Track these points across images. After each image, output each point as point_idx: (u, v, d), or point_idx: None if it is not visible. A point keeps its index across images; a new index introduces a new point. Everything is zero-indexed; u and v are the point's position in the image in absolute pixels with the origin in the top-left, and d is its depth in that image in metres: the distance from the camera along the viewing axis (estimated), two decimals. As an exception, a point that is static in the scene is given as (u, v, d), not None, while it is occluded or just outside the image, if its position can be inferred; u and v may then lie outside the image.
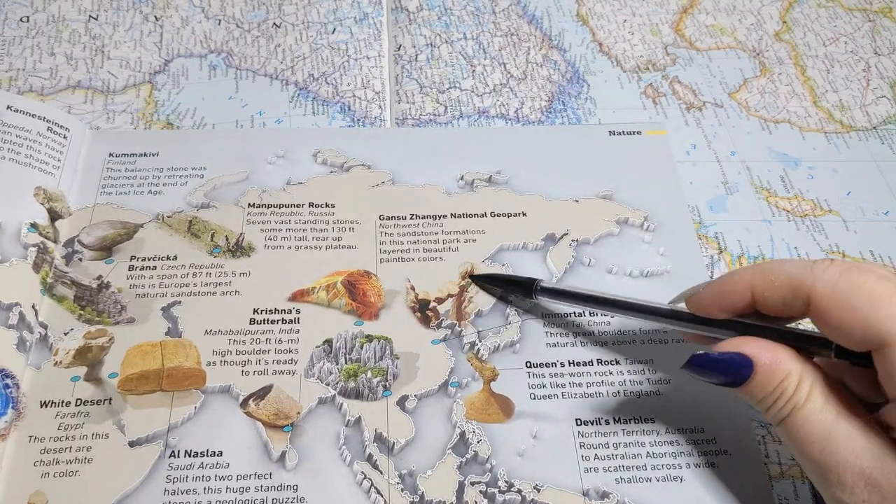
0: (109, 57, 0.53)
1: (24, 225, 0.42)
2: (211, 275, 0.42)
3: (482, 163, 0.48)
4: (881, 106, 0.53)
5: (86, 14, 0.55)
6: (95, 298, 0.41)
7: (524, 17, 0.57)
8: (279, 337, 0.40)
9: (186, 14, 0.56)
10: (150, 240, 0.43)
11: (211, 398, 0.38)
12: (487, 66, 0.54)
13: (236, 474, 0.36)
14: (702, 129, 0.51)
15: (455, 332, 0.41)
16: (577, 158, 0.48)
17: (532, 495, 0.36)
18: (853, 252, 0.45)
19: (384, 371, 0.39)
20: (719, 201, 0.47)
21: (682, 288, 0.40)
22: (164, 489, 0.35)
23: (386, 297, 0.42)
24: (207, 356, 0.39)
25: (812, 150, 0.50)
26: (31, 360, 0.38)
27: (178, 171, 0.46)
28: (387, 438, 0.37)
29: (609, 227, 0.45)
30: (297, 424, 0.37)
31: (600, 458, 0.37)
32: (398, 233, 0.44)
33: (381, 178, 0.47)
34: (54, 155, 0.46)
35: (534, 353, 0.40)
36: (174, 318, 0.40)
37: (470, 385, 0.39)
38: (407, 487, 0.36)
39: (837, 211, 0.47)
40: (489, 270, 0.43)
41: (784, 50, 0.56)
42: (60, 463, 0.35)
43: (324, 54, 0.53)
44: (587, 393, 0.39)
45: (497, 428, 0.38)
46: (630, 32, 0.57)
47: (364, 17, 0.56)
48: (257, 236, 0.44)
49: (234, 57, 0.53)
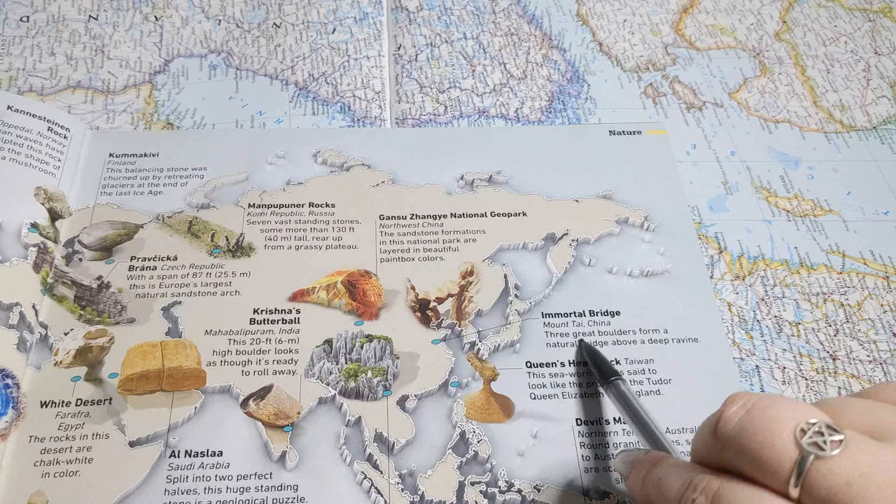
0: (109, 57, 0.53)
1: (24, 225, 0.42)
2: (211, 275, 0.42)
3: (482, 163, 0.48)
4: (881, 106, 0.53)
5: (86, 14, 0.55)
6: (96, 298, 0.41)
7: (524, 16, 0.57)
8: (279, 337, 0.40)
9: (186, 14, 0.56)
10: (150, 240, 0.43)
11: (211, 398, 0.38)
12: (487, 66, 0.54)
13: (237, 474, 0.36)
14: (702, 129, 0.51)
15: (455, 331, 0.41)
16: (578, 158, 0.48)
17: (532, 495, 0.36)
18: (853, 252, 0.45)
19: (384, 371, 0.39)
20: (719, 201, 0.47)
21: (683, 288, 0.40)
22: (165, 489, 0.35)
23: (386, 296, 0.42)
24: (208, 356, 0.39)
25: (812, 150, 0.50)
26: (31, 361, 0.38)
27: (178, 171, 0.46)
28: (387, 438, 0.37)
29: (609, 226, 0.45)
30: (297, 424, 0.37)
31: (600, 457, 0.37)
32: (398, 232, 0.44)
33: (381, 178, 0.47)
34: (55, 155, 0.46)
35: (534, 352, 0.40)
36: (174, 319, 0.40)
37: (470, 385, 0.39)
38: (407, 487, 0.36)
39: (837, 211, 0.47)
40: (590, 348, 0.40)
41: (784, 50, 0.56)
42: (61, 463, 0.35)
43: (324, 54, 0.53)
44: (587, 393, 0.39)
45: (497, 428, 0.38)
46: (630, 32, 0.57)
47: (364, 17, 0.56)
48: (257, 236, 0.44)
49: (234, 57, 0.53)
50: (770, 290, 0.44)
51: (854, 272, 0.45)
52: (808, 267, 0.45)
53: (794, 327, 0.42)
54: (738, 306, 0.43)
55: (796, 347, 0.41)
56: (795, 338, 0.42)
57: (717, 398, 0.38)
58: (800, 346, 0.41)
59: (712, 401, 0.38)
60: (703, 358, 0.41)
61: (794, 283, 0.44)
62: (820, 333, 0.42)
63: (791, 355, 0.41)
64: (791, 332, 0.42)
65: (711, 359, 0.40)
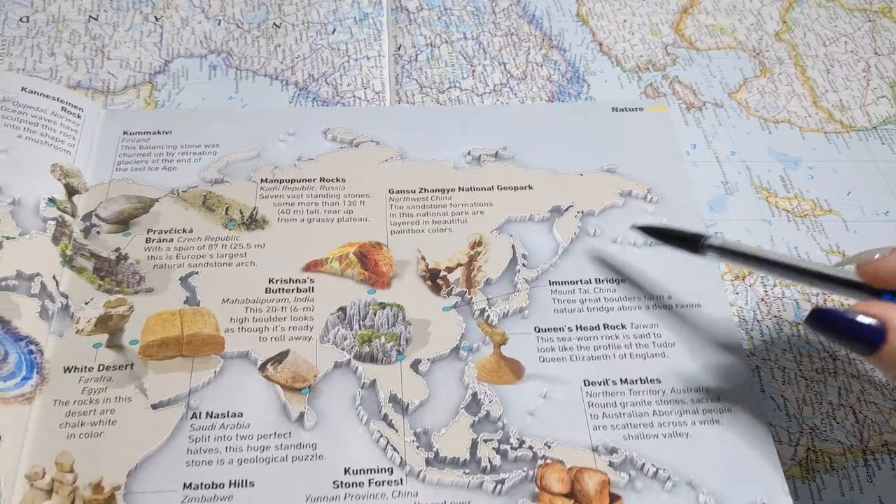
0: (109, 57, 0.53)
1: (42, 200, 0.43)
2: (226, 247, 0.43)
3: (488, 139, 0.49)
4: (881, 106, 0.53)
5: (86, 14, 0.55)
6: (114, 269, 0.42)
7: (524, 17, 0.58)
8: (294, 305, 0.41)
9: (186, 14, 0.56)
10: (165, 213, 0.44)
11: (230, 363, 0.39)
12: (487, 66, 0.54)
13: (257, 434, 0.37)
14: (702, 129, 0.51)
15: (465, 299, 0.42)
16: (581, 134, 0.50)
17: (543, 451, 0.37)
18: (853, 252, 0.45)
19: (397, 336, 0.40)
20: (719, 201, 0.47)
21: (685, 256, 0.41)
22: (188, 448, 0.36)
23: (397, 266, 0.43)
24: (225, 324, 0.40)
25: (812, 150, 0.51)
26: (53, 329, 0.39)
27: (191, 148, 0.47)
28: (401, 399, 0.38)
29: (613, 199, 0.47)
30: (314, 387, 0.38)
31: (608, 416, 0.38)
32: (408, 206, 0.46)
33: (389, 154, 0.48)
34: (69, 133, 0.47)
35: (542, 318, 0.42)
36: (192, 288, 0.41)
37: (481, 349, 0.40)
38: (422, 445, 0.37)
39: (837, 211, 0.47)
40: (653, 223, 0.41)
41: (784, 50, 0.56)
42: (85, 425, 0.37)
43: (324, 55, 0.54)
44: (594, 356, 0.40)
45: (508, 389, 0.39)
46: (630, 32, 0.57)
47: (364, 17, 0.56)
48: (270, 210, 0.45)
49: (234, 57, 0.53)
50: (770, 290, 0.44)
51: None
52: (809, 267, 0.45)
53: (794, 327, 0.42)
54: (737, 306, 0.43)
55: (796, 347, 0.42)
56: (795, 338, 0.42)
57: (720, 359, 0.40)
58: (800, 347, 0.42)
59: (716, 361, 0.40)
60: (706, 321, 0.42)
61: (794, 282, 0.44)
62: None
63: (791, 355, 0.41)
64: (791, 332, 0.42)
65: (713, 322, 0.42)
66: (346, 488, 0.36)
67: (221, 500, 0.35)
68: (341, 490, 0.36)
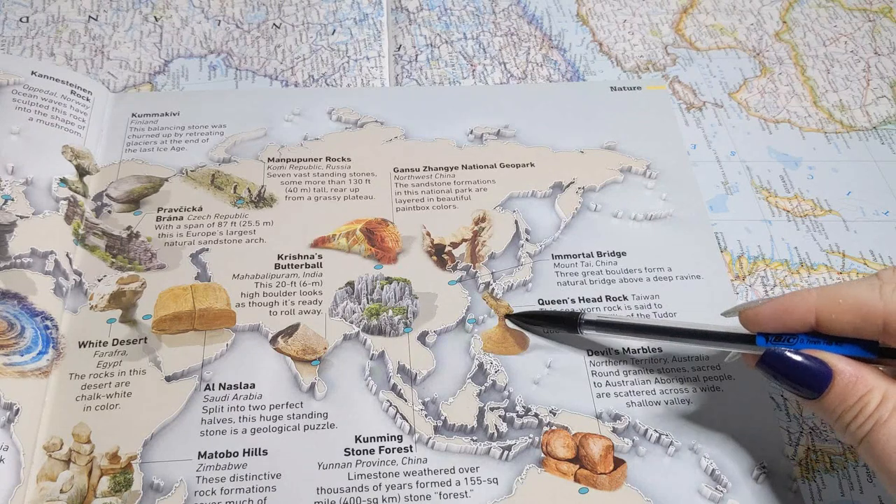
0: (109, 57, 0.52)
1: (54, 180, 0.44)
2: (236, 224, 0.44)
3: (490, 118, 0.50)
4: (881, 106, 0.53)
5: (86, 14, 0.55)
6: (126, 247, 0.42)
7: (524, 17, 0.58)
8: (303, 280, 0.42)
9: (186, 14, 0.55)
10: (175, 192, 0.45)
11: (242, 336, 0.40)
12: (487, 66, 0.54)
13: (269, 404, 0.38)
14: (702, 129, 0.51)
15: (470, 273, 0.43)
16: (581, 112, 0.50)
17: (549, 418, 0.38)
18: (853, 252, 0.45)
19: (404, 310, 0.41)
20: (719, 201, 0.48)
21: (685, 230, 0.42)
22: (202, 418, 0.37)
23: (403, 242, 0.44)
24: (236, 298, 0.41)
25: (812, 150, 0.50)
26: (67, 305, 0.40)
27: (199, 128, 0.48)
28: (409, 370, 0.39)
29: (613, 175, 0.47)
30: (324, 359, 0.39)
31: (611, 384, 0.39)
32: (412, 184, 0.46)
33: (393, 134, 0.49)
34: (79, 116, 0.47)
35: (545, 291, 0.42)
36: (203, 264, 0.42)
37: (486, 321, 0.41)
38: (430, 413, 0.38)
39: (837, 211, 0.47)
40: (524, 309, 0.41)
41: (784, 50, 0.56)
42: (101, 397, 0.37)
43: (324, 55, 0.54)
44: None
45: (513, 359, 0.40)
46: (630, 32, 0.57)
47: (364, 17, 0.56)
48: (278, 188, 0.45)
49: (234, 57, 0.53)
50: (770, 291, 0.44)
51: (854, 272, 0.45)
52: (809, 267, 0.45)
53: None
54: None
55: (796, 347, 0.42)
56: (795, 338, 0.42)
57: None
58: (800, 346, 0.42)
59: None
60: (705, 292, 0.43)
61: (795, 283, 0.44)
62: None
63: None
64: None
65: (713, 293, 0.43)
66: (357, 455, 0.37)
67: (236, 467, 0.36)
68: (352, 457, 0.37)
